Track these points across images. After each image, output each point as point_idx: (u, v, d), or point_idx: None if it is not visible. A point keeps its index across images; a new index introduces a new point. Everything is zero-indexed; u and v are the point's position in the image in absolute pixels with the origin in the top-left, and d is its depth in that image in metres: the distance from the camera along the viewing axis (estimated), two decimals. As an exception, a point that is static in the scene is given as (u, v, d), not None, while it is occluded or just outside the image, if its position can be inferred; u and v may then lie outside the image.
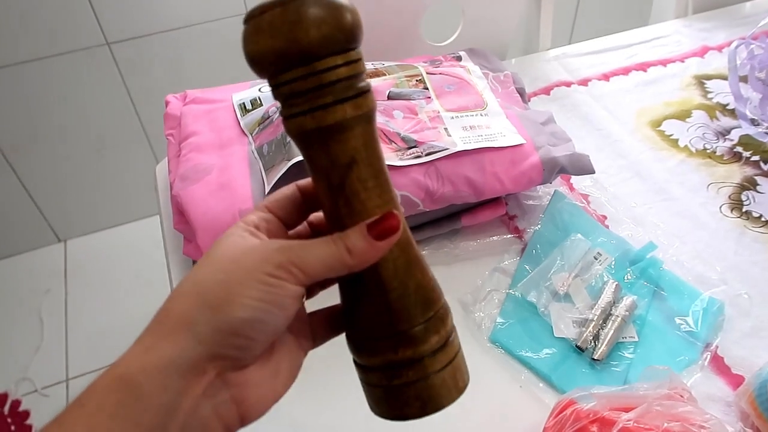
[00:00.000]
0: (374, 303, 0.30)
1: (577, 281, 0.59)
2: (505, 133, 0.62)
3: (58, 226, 1.62)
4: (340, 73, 0.27)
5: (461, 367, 0.31)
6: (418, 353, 0.29)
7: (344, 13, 0.27)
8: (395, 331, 0.29)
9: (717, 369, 0.54)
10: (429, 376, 0.29)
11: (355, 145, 0.28)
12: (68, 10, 1.28)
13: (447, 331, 0.30)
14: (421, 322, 0.29)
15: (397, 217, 0.29)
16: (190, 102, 0.68)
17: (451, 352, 0.30)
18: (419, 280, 0.30)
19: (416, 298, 0.30)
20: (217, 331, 0.26)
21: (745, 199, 0.69)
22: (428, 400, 0.30)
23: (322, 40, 0.26)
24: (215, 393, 0.27)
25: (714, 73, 0.86)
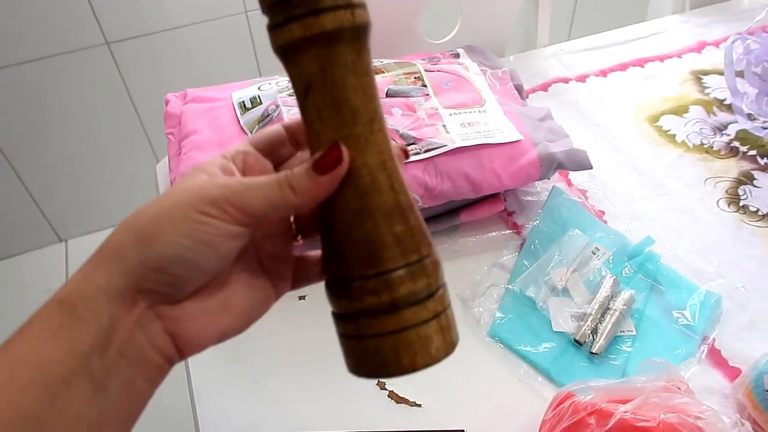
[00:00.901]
0: (325, 245, 0.29)
1: (576, 276, 0.59)
2: (503, 130, 0.62)
3: (59, 226, 1.62)
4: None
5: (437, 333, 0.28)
6: (354, 307, 0.28)
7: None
8: (338, 277, 0.28)
9: (714, 362, 0.54)
10: (390, 333, 0.27)
11: (310, 70, 0.26)
12: (67, 10, 1.28)
13: (398, 295, 0.27)
14: (358, 276, 0.28)
15: (340, 150, 0.27)
16: (190, 101, 0.68)
17: (423, 315, 0.28)
18: (368, 232, 0.27)
19: (358, 249, 0.27)
20: (142, 265, 0.26)
21: (742, 194, 0.69)
22: (389, 359, 0.27)
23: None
24: (147, 324, 0.27)
25: (711, 68, 0.86)
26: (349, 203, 0.27)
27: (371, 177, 0.27)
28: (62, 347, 0.25)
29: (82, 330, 0.26)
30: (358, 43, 0.27)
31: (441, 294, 0.29)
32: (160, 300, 0.28)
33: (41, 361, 0.25)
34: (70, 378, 0.25)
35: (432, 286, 0.28)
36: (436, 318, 0.28)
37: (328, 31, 0.26)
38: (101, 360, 0.26)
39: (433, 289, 0.28)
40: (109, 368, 0.26)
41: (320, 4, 0.26)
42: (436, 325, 0.28)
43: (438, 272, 0.29)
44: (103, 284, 0.26)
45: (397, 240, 0.27)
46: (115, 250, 0.27)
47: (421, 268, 0.28)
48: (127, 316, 0.27)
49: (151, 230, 0.27)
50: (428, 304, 0.28)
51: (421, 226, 0.29)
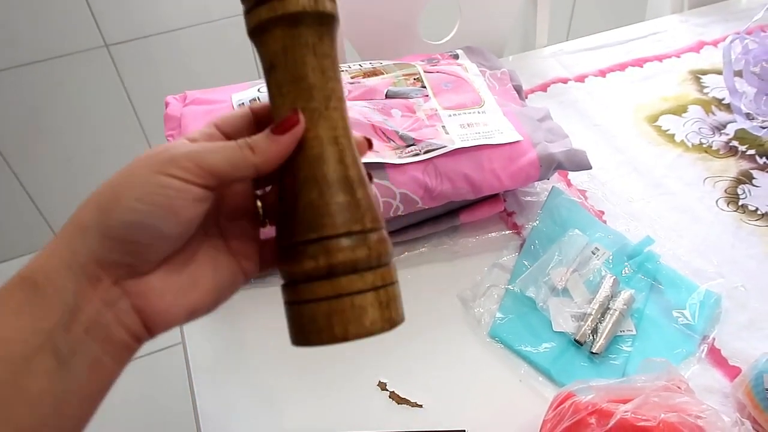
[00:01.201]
0: (278, 214, 0.30)
1: (576, 276, 0.59)
2: (503, 130, 0.63)
3: (59, 229, 1.62)
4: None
5: (373, 307, 0.28)
6: (294, 271, 0.29)
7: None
8: (284, 243, 0.29)
9: (714, 361, 0.54)
10: (324, 298, 0.28)
11: (274, 48, 0.29)
12: (66, 13, 1.28)
13: (335, 261, 0.28)
14: (300, 241, 0.28)
15: (297, 114, 0.28)
16: (190, 103, 0.68)
17: (359, 284, 0.28)
18: (312, 200, 0.28)
19: (303, 216, 0.28)
20: (103, 235, 0.26)
21: (741, 193, 0.69)
22: (322, 326, 0.28)
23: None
24: (114, 301, 0.27)
25: (710, 68, 0.86)
26: (300, 172, 0.29)
27: (321, 149, 0.29)
28: (24, 324, 0.25)
29: (45, 307, 0.25)
30: (321, 27, 0.29)
31: (384, 270, 0.29)
32: (124, 273, 0.27)
33: (2, 339, 0.24)
34: (32, 355, 0.24)
35: (372, 259, 0.29)
36: (375, 290, 0.28)
37: (291, 13, 0.28)
38: (65, 337, 0.25)
39: (374, 263, 0.29)
40: (74, 345, 0.26)
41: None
42: (374, 297, 0.28)
43: (382, 248, 0.29)
44: (66, 259, 0.26)
45: (339, 209, 0.28)
46: (78, 224, 0.27)
47: (362, 239, 0.29)
48: (92, 293, 0.26)
49: (110, 198, 0.27)
50: (366, 275, 0.28)
51: (369, 201, 0.30)
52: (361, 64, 0.71)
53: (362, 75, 0.68)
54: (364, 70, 0.69)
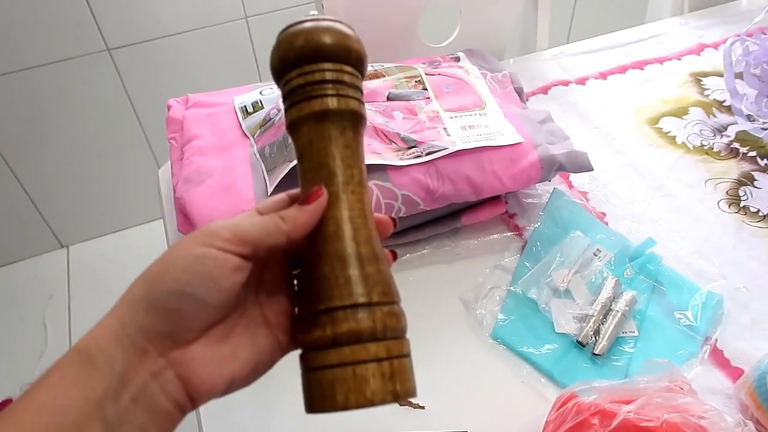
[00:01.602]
0: (298, 283, 0.33)
1: (577, 277, 0.59)
2: (504, 132, 0.63)
3: (61, 232, 1.63)
4: (293, 83, 0.33)
5: (377, 379, 0.29)
6: (305, 340, 0.30)
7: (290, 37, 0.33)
8: (299, 313, 0.32)
9: (716, 362, 0.54)
10: (329, 366, 0.29)
11: (302, 142, 0.33)
12: (69, 17, 1.28)
13: (339, 331, 0.29)
14: (311, 311, 0.30)
15: (321, 189, 0.32)
16: (192, 106, 0.68)
17: (363, 354, 0.29)
18: (324, 273, 0.31)
19: (315, 287, 0.31)
20: (149, 306, 0.28)
21: (742, 195, 0.69)
22: (325, 392, 0.29)
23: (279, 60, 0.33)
24: (160, 371, 0.29)
25: (710, 70, 0.87)
26: (316, 247, 0.32)
27: (336, 227, 0.31)
28: (78, 394, 0.27)
29: (97, 377, 0.27)
30: (343, 122, 0.33)
31: (391, 342, 0.30)
32: (169, 344, 0.29)
33: (58, 407, 0.26)
34: (84, 423, 0.26)
35: (378, 330, 0.30)
36: (378, 362, 0.29)
37: (316, 112, 0.32)
38: (115, 406, 0.27)
39: (380, 335, 0.30)
40: (122, 415, 0.27)
41: (312, 93, 0.32)
42: (376, 368, 0.29)
43: (390, 321, 0.30)
44: (116, 331, 0.28)
45: (347, 282, 0.30)
46: (128, 298, 0.29)
47: (368, 311, 0.30)
48: (139, 365, 0.28)
49: (157, 272, 0.29)
50: (370, 346, 0.29)
51: (381, 276, 0.31)
52: (363, 67, 0.71)
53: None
54: (365, 73, 0.69)
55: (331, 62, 0.32)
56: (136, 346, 0.28)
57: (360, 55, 0.33)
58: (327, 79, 0.32)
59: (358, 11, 0.86)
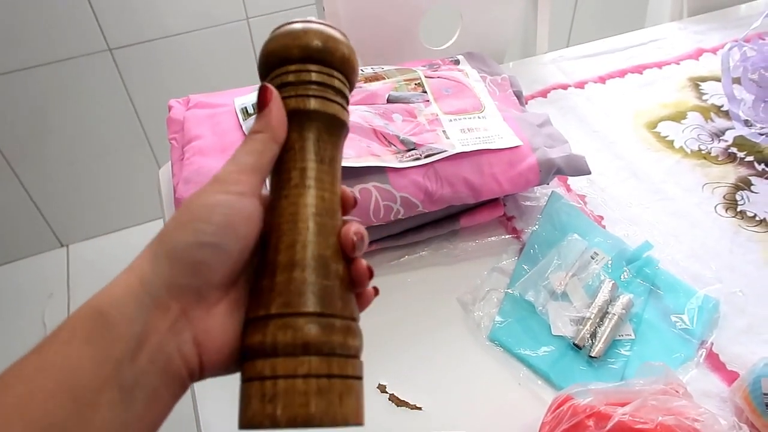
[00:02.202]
0: None
1: (575, 280, 0.60)
2: (503, 135, 0.63)
3: (61, 231, 1.63)
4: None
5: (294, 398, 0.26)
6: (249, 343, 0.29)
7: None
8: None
9: (712, 365, 0.55)
10: (250, 378, 0.27)
11: None
12: (70, 17, 1.29)
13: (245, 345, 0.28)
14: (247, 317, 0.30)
15: (267, 88, 0.32)
16: (193, 106, 0.69)
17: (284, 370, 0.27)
18: (258, 279, 0.30)
19: (251, 294, 0.30)
20: (171, 258, 0.28)
21: (739, 199, 0.70)
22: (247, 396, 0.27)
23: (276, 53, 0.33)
24: (180, 330, 0.28)
25: (708, 75, 0.87)
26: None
27: (266, 236, 0.31)
28: (92, 354, 0.25)
29: (114, 338, 0.26)
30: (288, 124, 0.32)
31: (282, 360, 0.27)
32: (192, 299, 0.28)
33: (71, 368, 0.25)
34: (98, 386, 0.25)
35: (266, 344, 0.27)
36: (260, 381, 0.27)
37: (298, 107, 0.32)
38: (130, 368, 0.26)
39: (268, 348, 0.27)
40: (137, 376, 0.26)
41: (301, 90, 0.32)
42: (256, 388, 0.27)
43: (286, 335, 0.27)
44: (135, 288, 0.27)
45: (257, 293, 0.29)
46: (147, 253, 0.28)
47: (262, 325, 0.28)
48: (160, 322, 0.27)
49: (176, 225, 0.29)
50: (257, 362, 0.27)
51: (288, 287, 0.28)
52: (363, 69, 0.71)
53: (364, 80, 0.69)
54: (365, 75, 0.70)
55: (276, 67, 0.33)
56: (158, 303, 0.27)
57: (307, 48, 0.32)
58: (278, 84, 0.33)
59: (359, 14, 0.86)
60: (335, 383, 0.27)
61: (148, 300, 0.27)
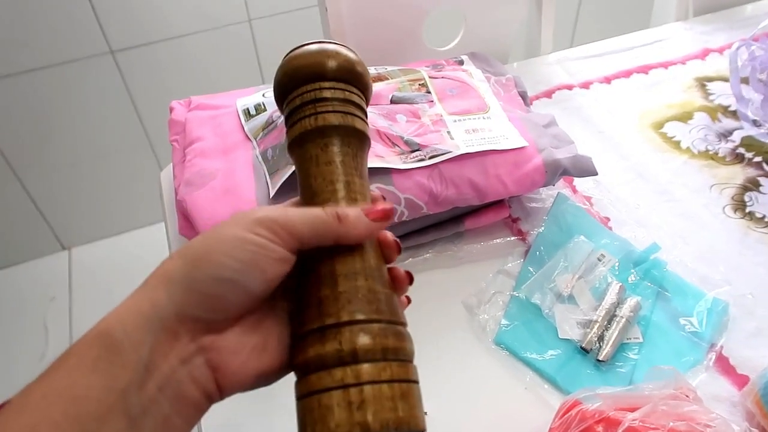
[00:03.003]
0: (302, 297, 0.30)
1: (581, 283, 0.59)
2: (508, 136, 0.62)
3: (63, 234, 1.63)
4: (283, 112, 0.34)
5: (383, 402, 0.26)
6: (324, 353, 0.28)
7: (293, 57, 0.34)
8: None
9: (722, 369, 0.54)
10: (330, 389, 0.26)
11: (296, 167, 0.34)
12: (72, 19, 1.29)
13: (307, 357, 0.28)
14: (294, 335, 0.29)
15: (391, 209, 0.31)
16: (195, 108, 0.68)
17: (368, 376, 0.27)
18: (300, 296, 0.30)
19: (298, 312, 0.30)
20: (188, 289, 0.26)
21: (748, 200, 0.69)
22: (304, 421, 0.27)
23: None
24: (190, 357, 0.27)
25: (715, 75, 0.86)
26: (302, 271, 0.30)
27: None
28: (99, 382, 0.24)
29: (121, 364, 0.25)
30: (324, 139, 0.32)
31: (363, 366, 0.27)
32: (202, 329, 0.27)
33: (76, 397, 0.24)
34: (105, 415, 0.24)
35: (344, 353, 0.27)
36: (344, 389, 0.26)
37: (295, 138, 0.33)
38: (139, 396, 0.25)
39: (346, 356, 0.27)
40: (146, 404, 0.25)
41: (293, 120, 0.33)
42: (341, 396, 0.26)
43: (362, 341, 0.27)
44: (146, 313, 0.26)
45: (318, 302, 0.28)
46: (163, 276, 0.27)
47: (335, 333, 0.27)
48: (168, 349, 0.26)
49: (200, 253, 0.27)
50: (336, 371, 0.26)
51: (356, 294, 0.28)
52: (366, 70, 0.70)
53: (367, 80, 0.68)
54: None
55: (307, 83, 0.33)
56: (167, 329, 0.26)
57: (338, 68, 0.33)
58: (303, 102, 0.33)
59: (362, 15, 0.86)
60: (412, 387, 0.28)
61: (158, 325, 0.26)
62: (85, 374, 0.24)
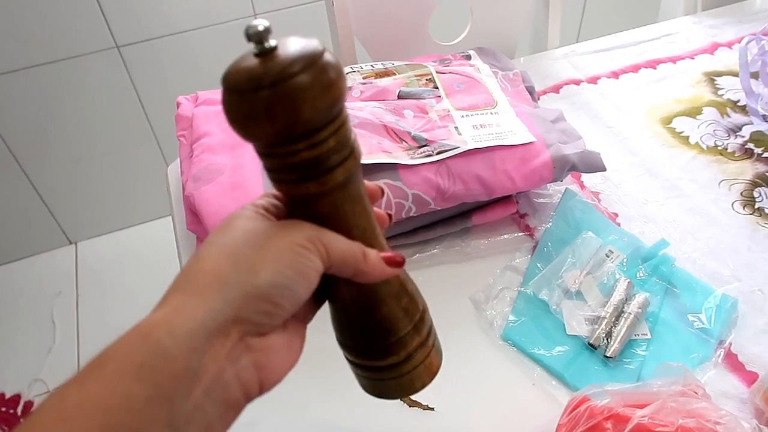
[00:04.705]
0: (347, 324, 0.34)
1: (589, 279, 0.59)
2: (516, 131, 0.62)
3: (69, 229, 1.63)
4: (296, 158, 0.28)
5: (435, 356, 0.36)
6: (378, 365, 0.34)
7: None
8: (362, 345, 0.34)
9: (731, 366, 0.54)
10: (406, 372, 0.34)
11: (326, 211, 0.31)
12: (78, 14, 1.29)
13: (411, 349, 0.34)
14: (380, 345, 0.34)
15: (403, 258, 0.33)
16: (202, 103, 0.68)
17: (426, 351, 0.35)
18: (384, 315, 0.33)
19: (379, 327, 0.33)
20: (247, 294, 0.26)
21: (757, 196, 0.68)
22: (407, 388, 0.35)
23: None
24: (238, 357, 0.27)
25: (724, 69, 0.85)
26: (365, 297, 0.33)
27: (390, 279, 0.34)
28: (142, 392, 0.23)
29: (169, 372, 0.24)
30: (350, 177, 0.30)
31: (429, 322, 0.36)
32: (253, 332, 0.27)
33: (115, 407, 0.22)
34: (146, 428, 0.23)
35: (430, 326, 0.36)
36: (434, 346, 0.36)
37: (337, 184, 0.29)
38: (184, 405, 0.24)
39: (431, 327, 0.36)
40: (190, 413, 0.24)
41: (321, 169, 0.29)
42: (434, 352, 0.36)
43: (427, 318, 0.36)
44: (203, 318, 0.25)
45: (405, 311, 0.34)
46: (215, 279, 0.26)
47: (422, 320, 0.35)
48: (219, 350, 0.26)
49: (254, 259, 0.27)
50: (429, 340, 0.35)
51: (409, 293, 0.35)
52: (373, 65, 0.70)
53: (374, 75, 0.68)
54: (376, 71, 0.69)
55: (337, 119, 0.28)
56: (221, 331, 0.25)
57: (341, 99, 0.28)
58: (339, 141, 0.28)
59: (369, 9, 0.85)
60: None
61: (213, 328, 0.25)
62: (126, 383, 0.23)
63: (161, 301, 0.27)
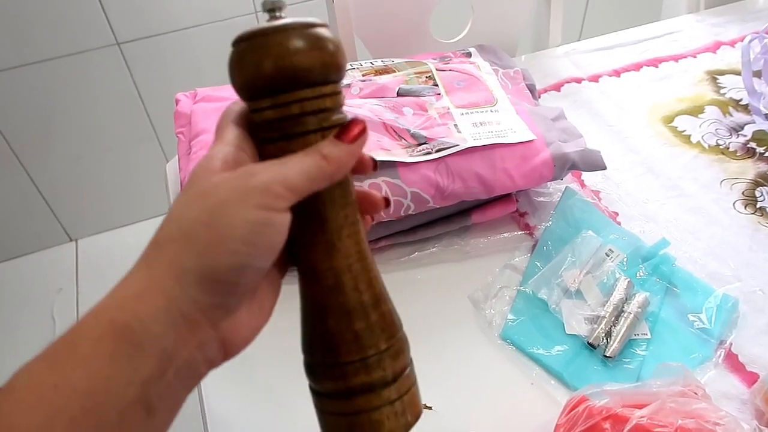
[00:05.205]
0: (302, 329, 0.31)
1: (589, 278, 0.58)
2: (516, 129, 0.62)
3: (70, 226, 1.63)
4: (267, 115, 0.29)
5: (413, 400, 0.31)
6: (316, 387, 0.31)
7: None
8: (306, 359, 0.31)
9: (731, 366, 0.53)
10: (349, 414, 0.30)
11: None
12: (78, 11, 1.28)
13: (351, 384, 0.30)
14: (320, 362, 0.30)
15: (363, 124, 0.29)
16: (200, 100, 0.68)
17: (377, 402, 0.30)
18: (329, 328, 0.30)
19: (321, 341, 0.30)
20: (205, 279, 0.26)
21: (758, 195, 0.68)
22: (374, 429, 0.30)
23: None
24: (208, 343, 0.27)
25: (726, 68, 0.85)
26: (315, 301, 0.30)
27: (335, 279, 0.30)
28: (120, 375, 0.24)
29: (142, 357, 0.24)
30: None
31: (400, 381, 0.31)
32: (221, 314, 0.27)
33: (94, 390, 0.23)
34: (124, 409, 0.24)
35: (387, 377, 0.30)
36: (390, 404, 0.30)
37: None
38: (158, 386, 0.25)
39: (389, 379, 0.30)
40: (163, 392, 0.25)
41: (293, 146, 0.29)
42: (389, 410, 0.30)
43: (400, 363, 0.31)
44: (163, 306, 0.25)
45: (355, 337, 0.30)
46: (171, 268, 0.26)
47: (378, 361, 0.30)
48: (189, 338, 0.26)
49: (209, 240, 0.26)
50: (383, 392, 0.30)
51: (384, 320, 0.31)
52: (373, 62, 0.70)
53: (374, 73, 0.68)
54: (375, 68, 0.68)
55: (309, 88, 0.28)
56: (188, 320, 0.26)
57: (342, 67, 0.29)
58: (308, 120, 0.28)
59: (370, 6, 0.85)
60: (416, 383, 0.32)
61: (178, 317, 0.25)
62: (104, 367, 0.23)
63: (123, 282, 0.26)
